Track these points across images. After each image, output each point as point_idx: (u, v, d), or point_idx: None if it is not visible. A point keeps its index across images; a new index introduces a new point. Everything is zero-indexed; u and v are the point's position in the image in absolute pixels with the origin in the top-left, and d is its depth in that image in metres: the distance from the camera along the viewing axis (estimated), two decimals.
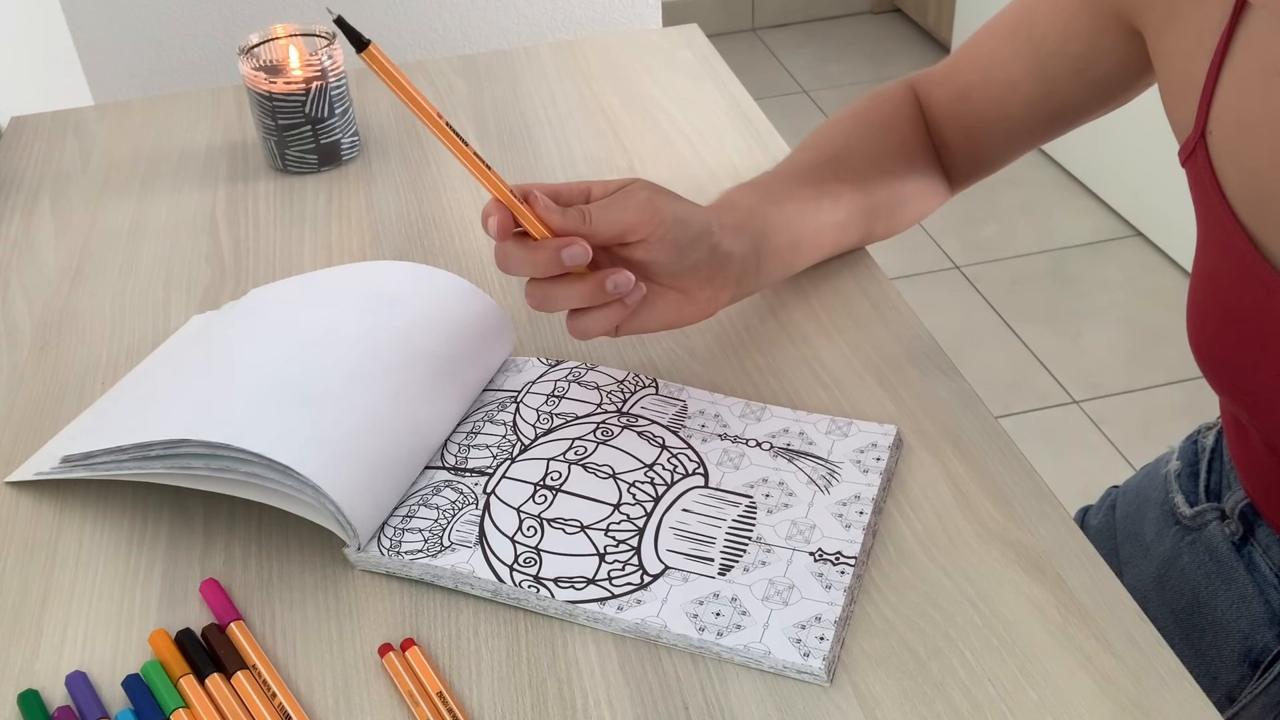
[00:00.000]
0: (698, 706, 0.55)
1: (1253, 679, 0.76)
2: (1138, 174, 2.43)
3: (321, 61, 0.95)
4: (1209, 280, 0.67)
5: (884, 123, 0.81)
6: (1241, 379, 0.67)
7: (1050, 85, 0.76)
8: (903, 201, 0.81)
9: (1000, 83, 0.78)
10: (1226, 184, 0.63)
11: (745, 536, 0.62)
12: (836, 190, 0.77)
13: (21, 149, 1.05)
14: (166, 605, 0.62)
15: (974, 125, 0.81)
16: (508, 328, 0.75)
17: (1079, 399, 2.11)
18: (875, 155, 0.79)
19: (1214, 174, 0.64)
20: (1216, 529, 0.78)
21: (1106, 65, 0.73)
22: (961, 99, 0.80)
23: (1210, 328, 0.67)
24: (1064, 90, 0.76)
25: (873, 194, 0.79)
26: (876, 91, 0.83)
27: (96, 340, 0.81)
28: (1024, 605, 0.58)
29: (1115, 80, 0.74)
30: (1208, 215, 0.65)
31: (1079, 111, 0.78)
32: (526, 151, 1.00)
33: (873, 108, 0.82)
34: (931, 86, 0.83)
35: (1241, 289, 0.63)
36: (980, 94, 0.79)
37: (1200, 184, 0.65)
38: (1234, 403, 0.70)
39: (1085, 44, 0.73)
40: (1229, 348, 0.66)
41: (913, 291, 2.37)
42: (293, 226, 0.92)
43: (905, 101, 0.82)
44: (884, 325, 0.77)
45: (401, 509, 0.64)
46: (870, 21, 3.51)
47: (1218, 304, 0.66)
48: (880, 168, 0.79)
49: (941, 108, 0.82)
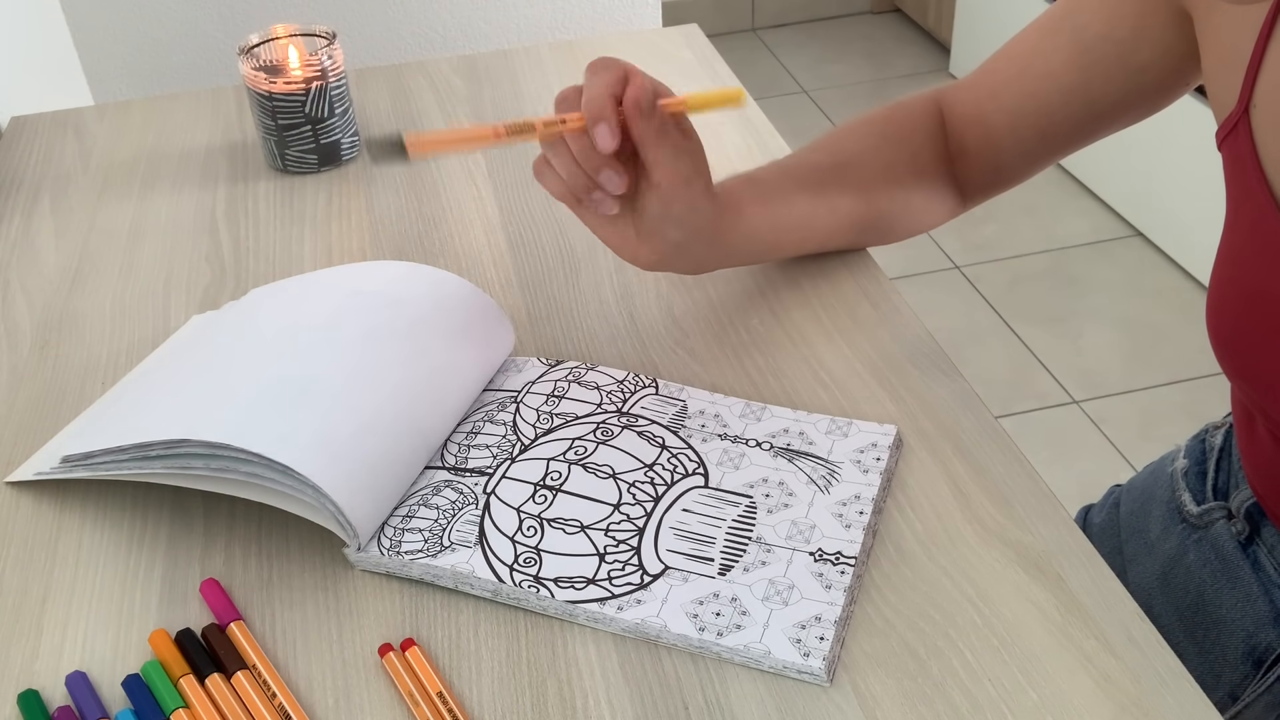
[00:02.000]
0: (698, 706, 0.55)
1: (1256, 678, 0.76)
2: (1138, 174, 2.43)
3: (321, 61, 0.95)
4: (1235, 262, 0.66)
5: (899, 133, 0.81)
6: (1259, 363, 0.67)
7: (1090, 73, 0.75)
8: (905, 214, 0.81)
9: (1039, 74, 0.77)
10: (1267, 161, 0.63)
11: (745, 536, 0.62)
12: (836, 200, 0.77)
13: (21, 149, 1.05)
14: (166, 605, 0.62)
15: (1000, 126, 0.80)
16: (508, 328, 0.75)
17: (1079, 399, 2.11)
18: (885, 166, 0.79)
19: (1255, 150, 0.63)
20: (1223, 528, 0.78)
21: (1150, 51, 0.73)
22: (992, 97, 0.80)
23: (1232, 310, 0.67)
24: (1103, 80, 0.75)
25: (874, 204, 0.79)
26: (900, 101, 0.84)
27: (96, 340, 0.81)
28: (1024, 605, 0.58)
29: (1156, 69, 0.74)
30: (1242, 195, 0.65)
31: (1114, 108, 0.77)
32: (527, 151, 1.00)
33: (891, 118, 0.82)
34: (958, 93, 0.83)
35: (1270, 269, 0.63)
36: (1015, 88, 0.79)
37: (1239, 162, 0.65)
38: (1247, 388, 0.69)
39: (1130, 27, 0.72)
40: (1250, 331, 0.66)
41: (913, 291, 2.37)
42: (293, 226, 0.92)
43: (926, 114, 0.83)
44: (884, 325, 0.77)
45: (401, 509, 0.64)
46: (870, 21, 3.52)
47: (1243, 287, 0.66)
48: (888, 178, 0.79)
49: (967, 110, 0.82)
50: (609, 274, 0.84)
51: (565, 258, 0.86)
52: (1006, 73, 0.80)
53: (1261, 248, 0.63)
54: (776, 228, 0.76)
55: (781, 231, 0.76)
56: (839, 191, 0.77)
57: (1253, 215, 0.64)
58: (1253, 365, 0.67)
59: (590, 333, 0.78)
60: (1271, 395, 0.67)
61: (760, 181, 0.76)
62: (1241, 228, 0.65)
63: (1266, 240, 0.63)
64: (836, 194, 0.77)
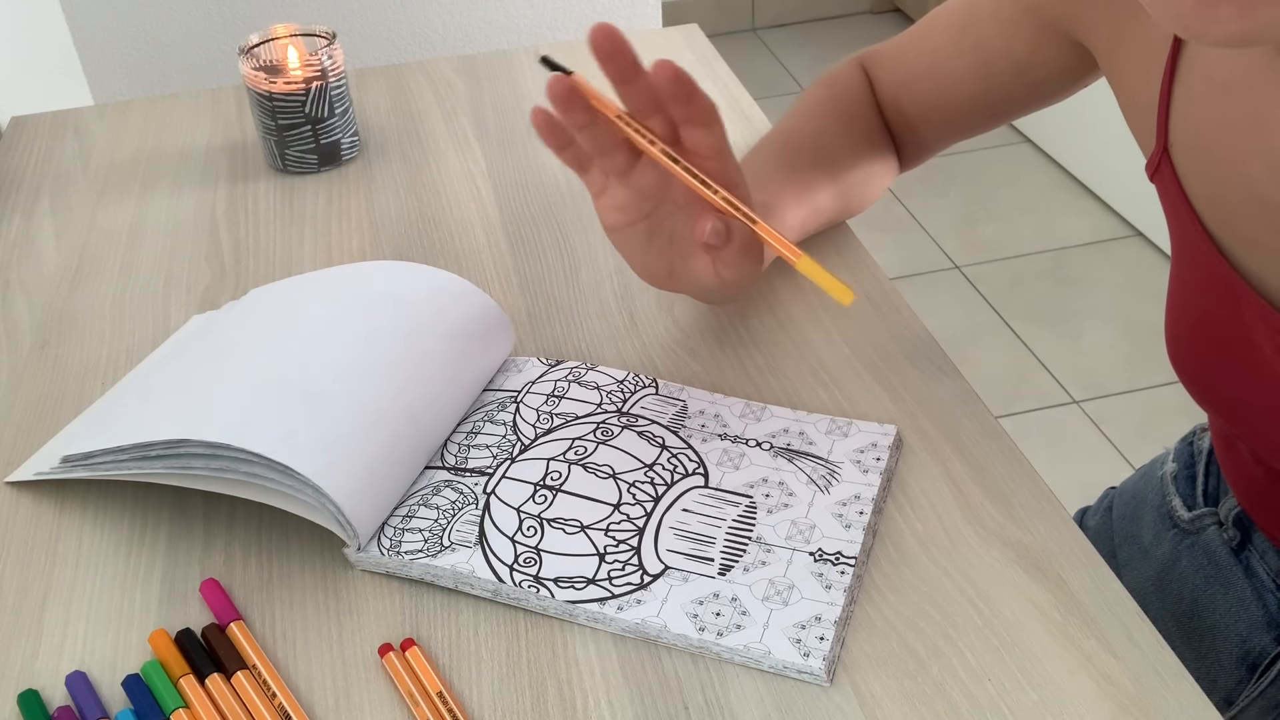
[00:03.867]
0: (698, 706, 0.55)
1: (1250, 682, 0.77)
2: (1138, 174, 2.42)
3: (321, 61, 0.95)
4: (1183, 294, 0.67)
5: (849, 112, 0.82)
6: (1219, 391, 0.67)
7: (992, 83, 0.77)
8: (867, 185, 0.82)
9: (945, 75, 0.79)
10: (1194, 197, 0.63)
11: (745, 536, 0.62)
12: (816, 182, 0.78)
13: (21, 149, 1.05)
14: (166, 605, 0.62)
15: (913, 114, 0.82)
16: (508, 328, 0.75)
17: (1079, 399, 2.11)
18: (849, 147, 0.81)
19: (1180, 187, 0.64)
20: (1214, 534, 0.78)
21: (1048, 69, 0.74)
22: (903, 87, 0.82)
23: (1186, 340, 0.67)
24: (1005, 89, 0.77)
25: (845, 181, 0.80)
26: (833, 77, 0.84)
27: (96, 340, 0.81)
28: (1024, 605, 0.58)
29: (1056, 82, 0.76)
30: (1178, 229, 0.65)
31: (1019, 108, 0.79)
32: (527, 151, 1.00)
33: (836, 97, 0.83)
34: (878, 70, 0.84)
35: (1214, 300, 0.63)
36: (924, 84, 0.81)
37: (1169, 198, 0.65)
38: (1215, 414, 0.70)
39: (1027, 49, 0.74)
40: (1205, 360, 0.66)
41: (913, 291, 2.37)
42: (293, 226, 0.92)
43: (863, 86, 0.84)
44: (884, 325, 0.77)
45: (401, 509, 0.64)
46: (870, 21, 3.52)
47: (1192, 316, 0.66)
48: (853, 157, 0.81)
49: (885, 92, 0.83)
50: (609, 274, 0.84)
51: (565, 258, 0.86)
52: (917, 67, 0.81)
53: (1204, 279, 0.64)
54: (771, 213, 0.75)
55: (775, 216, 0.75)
56: (816, 173, 0.78)
57: (1192, 250, 0.64)
58: (1214, 393, 0.67)
59: (590, 333, 0.78)
60: (1236, 419, 0.67)
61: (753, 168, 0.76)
62: (1184, 261, 0.66)
63: (1207, 271, 0.63)
64: (815, 176, 0.78)
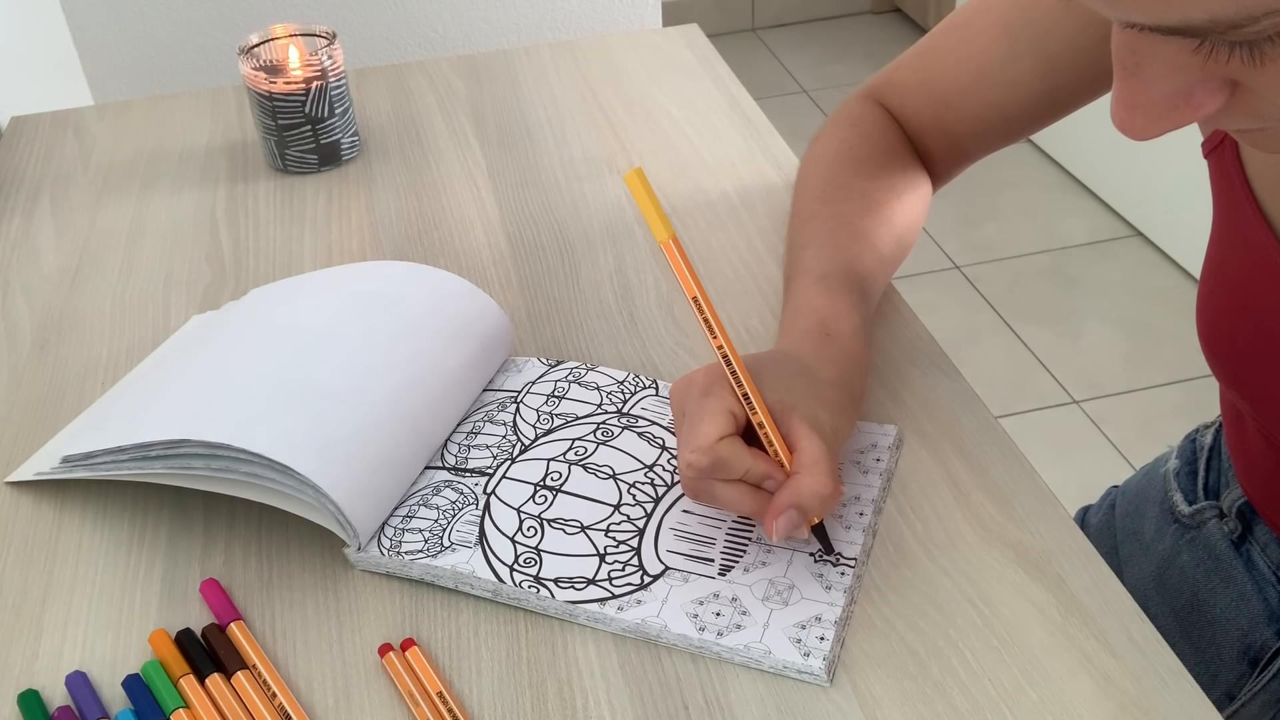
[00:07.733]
0: (698, 706, 0.55)
1: (1252, 677, 0.76)
2: (1138, 174, 2.43)
3: (321, 61, 0.95)
4: (1223, 272, 0.66)
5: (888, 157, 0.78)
6: (1250, 371, 0.66)
7: (1056, 79, 0.74)
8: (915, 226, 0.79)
9: (998, 83, 0.75)
10: (1254, 178, 0.63)
11: (745, 537, 0.62)
12: (893, 254, 0.75)
13: (21, 149, 1.05)
14: (166, 605, 0.62)
15: (962, 130, 0.78)
16: (508, 328, 0.75)
17: (1079, 399, 2.11)
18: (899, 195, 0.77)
19: (1240, 163, 0.63)
20: (1215, 527, 0.78)
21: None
22: (948, 105, 0.78)
23: (1222, 320, 0.67)
24: (1071, 84, 0.74)
25: (902, 233, 0.77)
26: (856, 117, 0.80)
27: (96, 340, 0.81)
28: (1024, 605, 0.58)
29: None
30: (1229, 206, 0.64)
31: (1081, 101, 0.75)
32: (527, 151, 1.00)
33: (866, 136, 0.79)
34: (903, 99, 0.80)
35: (1258, 281, 0.63)
36: (972, 98, 0.77)
37: (1224, 174, 0.64)
38: (1238, 395, 0.69)
39: (1098, 35, 0.70)
40: (1240, 340, 0.66)
41: (913, 291, 2.37)
42: (293, 226, 0.92)
43: (889, 119, 0.80)
44: (884, 325, 0.77)
45: (401, 509, 0.64)
46: (870, 21, 3.51)
47: (1232, 297, 0.66)
48: (906, 213, 0.77)
49: (922, 117, 0.79)
50: (609, 274, 0.84)
51: (565, 258, 0.86)
52: (959, 80, 0.77)
53: (1250, 260, 0.63)
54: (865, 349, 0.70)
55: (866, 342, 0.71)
56: (887, 239, 0.75)
57: (1240, 228, 0.64)
58: (1243, 372, 0.67)
59: (590, 333, 0.78)
60: (1262, 402, 0.67)
61: (828, 328, 0.68)
62: (1229, 238, 0.65)
63: (1254, 254, 0.63)
64: (892, 248, 0.75)
